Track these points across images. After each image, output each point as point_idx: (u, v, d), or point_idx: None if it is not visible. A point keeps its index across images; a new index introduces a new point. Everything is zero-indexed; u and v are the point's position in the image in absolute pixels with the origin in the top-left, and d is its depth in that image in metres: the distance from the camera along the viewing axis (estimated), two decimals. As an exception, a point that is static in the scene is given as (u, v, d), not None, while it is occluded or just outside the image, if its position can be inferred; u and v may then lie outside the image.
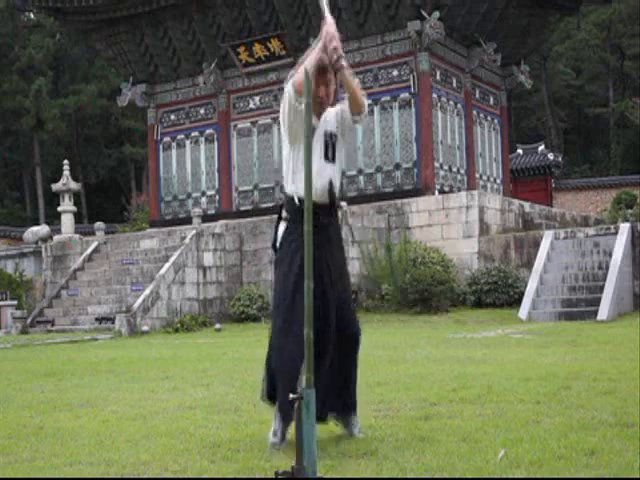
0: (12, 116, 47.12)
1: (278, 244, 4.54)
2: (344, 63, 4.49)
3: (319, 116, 4.51)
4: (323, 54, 4.43)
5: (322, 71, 4.50)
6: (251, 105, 24.70)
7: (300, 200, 4.32)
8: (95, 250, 21.16)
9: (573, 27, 49.08)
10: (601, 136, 50.76)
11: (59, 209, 23.73)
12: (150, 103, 26.57)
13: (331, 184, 4.43)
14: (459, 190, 22.42)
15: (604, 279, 15.95)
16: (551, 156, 35.21)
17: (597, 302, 15.43)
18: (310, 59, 4.43)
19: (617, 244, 16.56)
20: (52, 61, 49.59)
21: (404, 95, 22.22)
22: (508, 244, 18.55)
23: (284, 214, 4.53)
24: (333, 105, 4.65)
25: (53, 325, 19.01)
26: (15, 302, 20.62)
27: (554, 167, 35.42)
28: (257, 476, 3.82)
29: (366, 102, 4.62)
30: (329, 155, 4.47)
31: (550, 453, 3.97)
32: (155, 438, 4.83)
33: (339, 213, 4.60)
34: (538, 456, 3.90)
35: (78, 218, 28.80)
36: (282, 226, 4.53)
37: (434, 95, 22.48)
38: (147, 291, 17.83)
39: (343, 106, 4.58)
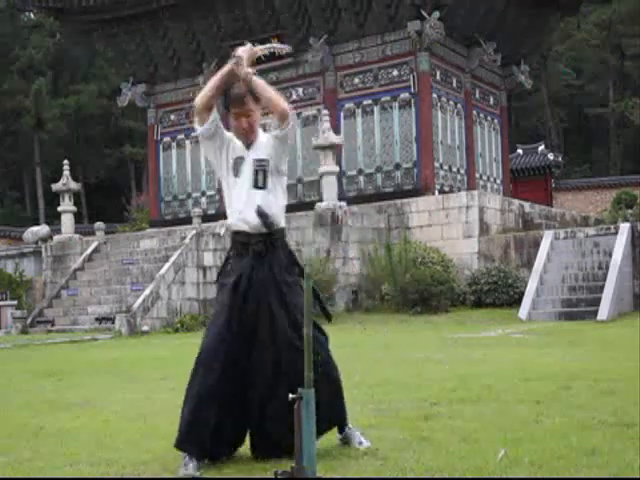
0: (12, 116, 47.12)
1: (218, 274, 4.48)
2: (249, 71, 4.42)
3: (248, 147, 4.41)
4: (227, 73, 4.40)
5: (239, 102, 4.39)
6: (251, 105, 24.68)
7: (236, 231, 4.34)
8: (95, 250, 21.15)
9: (573, 27, 49.05)
10: (601, 136, 50.72)
11: (59, 209, 23.72)
12: (150, 103, 26.57)
13: (259, 211, 4.27)
14: (459, 190, 22.42)
15: (604, 279, 15.94)
16: (551, 156, 35.20)
17: (597, 302, 15.43)
18: (211, 80, 4.41)
19: (617, 244, 16.55)
20: (52, 61, 49.57)
21: (404, 95, 22.22)
22: (508, 244, 18.55)
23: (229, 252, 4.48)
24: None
25: (53, 325, 19.00)
26: (15, 302, 20.61)
27: (554, 167, 35.40)
28: (257, 476, 3.83)
29: (288, 109, 4.41)
30: (259, 182, 4.33)
31: (550, 453, 3.97)
32: (155, 438, 4.83)
33: (285, 238, 4.42)
34: (538, 456, 3.90)
35: (78, 218, 28.75)
36: (225, 260, 4.48)
37: (434, 95, 22.47)
38: (147, 291, 17.83)
39: (273, 139, 4.44)
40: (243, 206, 4.31)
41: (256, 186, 4.33)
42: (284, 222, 4.43)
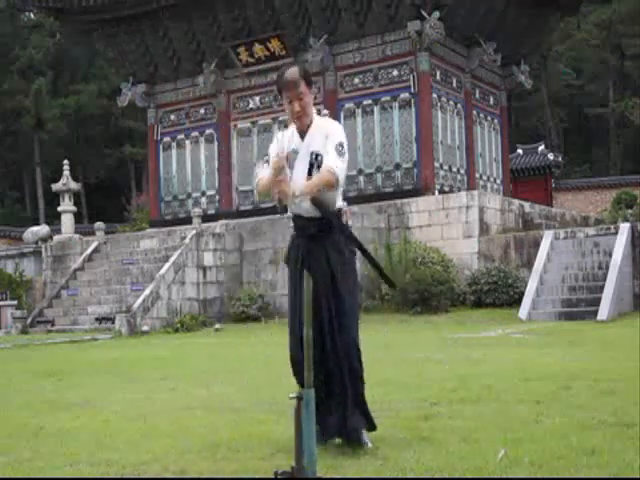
0: (12, 116, 47.13)
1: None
2: (297, 192, 4.49)
3: (301, 135, 4.54)
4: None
5: (291, 86, 4.46)
6: (251, 105, 24.69)
7: (293, 215, 4.66)
8: (95, 250, 21.15)
9: (573, 27, 49.05)
10: (601, 136, 50.72)
11: (59, 209, 23.73)
12: (150, 103, 26.56)
13: (314, 200, 4.47)
14: (459, 190, 22.41)
15: (604, 279, 15.94)
16: (551, 156, 35.19)
17: (597, 302, 15.42)
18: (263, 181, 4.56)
19: (617, 244, 16.55)
20: (52, 61, 49.58)
21: (404, 95, 22.21)
22: (508, 244, 18.55)
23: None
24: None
25: (53, 325, 19.00)
26: (15, 302, 20.62)
27: (554, 167, 35.40)
28: (257, 476, 3.83)
29: (334, 180, 4.44)
30: (313, 173, 4.49)
31: (550, 453, 3.97)
32: (155, 438, 4.83)
33: (343, 220, 4.62)
34: (538, 456, 3.90)
35: (78, 218, 28.77)
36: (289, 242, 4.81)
37: (434, 95, 22.47)
38: (147, 291, 17.83)
39: (329, 134, 4.51)
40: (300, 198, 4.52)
41: (310, 175, 4.49)
42: (340, 202, 4.60)
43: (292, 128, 4.62)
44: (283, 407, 5.69)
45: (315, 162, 4.50)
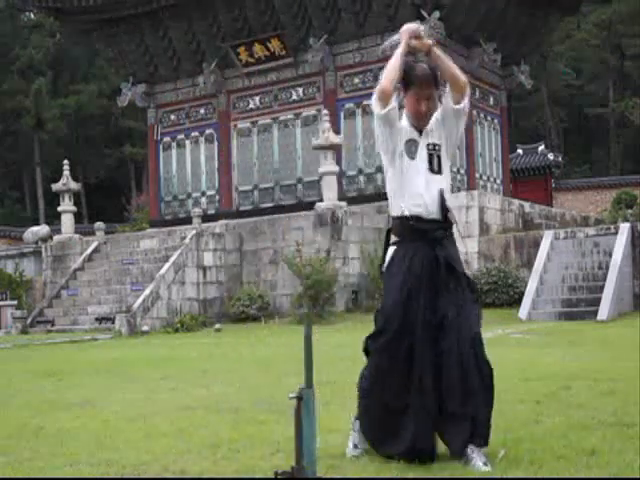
0: (12, 116, 47.11)
1: (386, 266, 4.26)
2: (431, 42, 4.23)
3: (420, 132, 4.25)
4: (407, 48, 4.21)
5: (424, 84, 4.24)
6: (251, 105, 24.69)
7: (411, 216, 4.13)
8: (95, 250, 21.15)
9: (573, 27, 49.03)
10: (601, 136, 50.71)
11: (59, 209, 23.72)
12: (150, 103, 26.56)
13: (442, 196, 4.16)
14: (459, 190, 22.40)
15: (604, 279, 15.94)
16: (551, 156, 35.18)
17: (597, 302, 15.42)
18: (391, 62, 4.20)
19: (617, 244, 16.55)
20: (52, 61, 49.56)
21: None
22: (508, 244, 18.55)
23: (392, 239, 4.26)
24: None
25: (53, 325, 19.00)
26: (15, 302, 20.61)
27: (554, 167, 35.38)
28: (257, 476, 3.83)
29: (466, 81, 4.31)
30: (434, 167, 4.20)
31: (550, 453, 3.97)
32: (155, 438, 4.83)
33: (453, 227, 4.24)
34: (538, 456, 3.90)
35: (78, 218, 28.74)
36: (390, 250, 4.24)
37: (434, 95, 22.45)
38: (147, 291, 17.83)
39: (443, 103, 4.31)
40: (423, 190, 4.15)
41: (431, 170, 4.20)
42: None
43: (404, 122, 4.31)
44: (283, 407, 5.69)
45: (434, 153, 4.20)
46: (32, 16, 52.26)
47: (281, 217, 19.84)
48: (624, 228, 17.06)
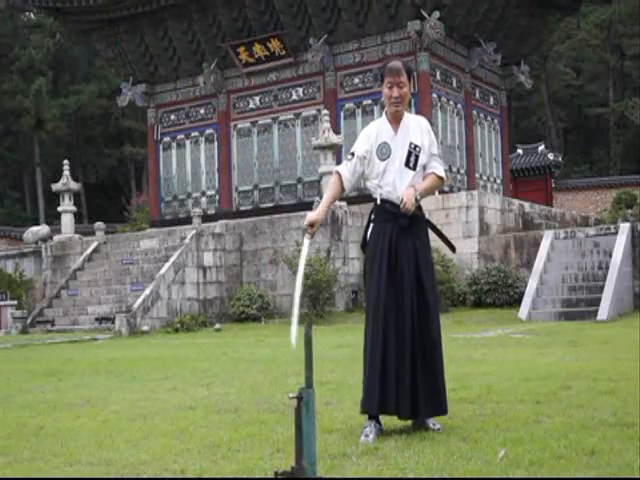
0: (12, 116, 47.10)
1: (367, 243, 4.86)
2: (409, 205, 4.68)
3: (397, 122, 4.80)
4: None
5: (394, 73, 4.70)
6: (251, 105, 24.70)
7: (384, 199, 4.74)
8: (95, 250, 21.15)
9: (573, 27, 49.05)
10: (601, 136, 50.73)
11: (59, 209, 23.72)
12: (150, 103, 26.58)
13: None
14: (459, 190, 22.41)
15: (604, 279, 15.94)
16: (551, 156, 35.18)
17: (597, 302, 15.42)
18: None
19: (617, 244, 16.55)
20: (52, 61, 49.54)
21: (404, 95, 22.20)
22: (508, 244, 18.55)
23: (372, 217, 4.86)
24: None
25: (53, 325, 19.00)
26: (15, 302, 20.61)
27: (554, 167, 35.38)
28: (257, 476, 3.82)
29: (442, 175, 4.89)
30: (410, 164, 4.74)
31: (550, 453, 3.97)
32: (155, 438, 4.83)
33: (422, 209, 4.87)
34: (538, 456, 3.90)
35: (78, 218, 28.78)
36: (370, 227, 4.85)
37: (434, 95, 22.47)
38: (147, 291, 17.83)
39: (428, 134, 4.90)
40: (395, 180, 4.73)
41: (407, 165, 4.74)
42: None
43: (377, 123, 4.86)
44: (283, 407, 5.70)
45: (413, 152, 4.73)
46: (32, 16, 52.24)
47: (281, 217, 19.84)
48: (624, 228, 17.06)
